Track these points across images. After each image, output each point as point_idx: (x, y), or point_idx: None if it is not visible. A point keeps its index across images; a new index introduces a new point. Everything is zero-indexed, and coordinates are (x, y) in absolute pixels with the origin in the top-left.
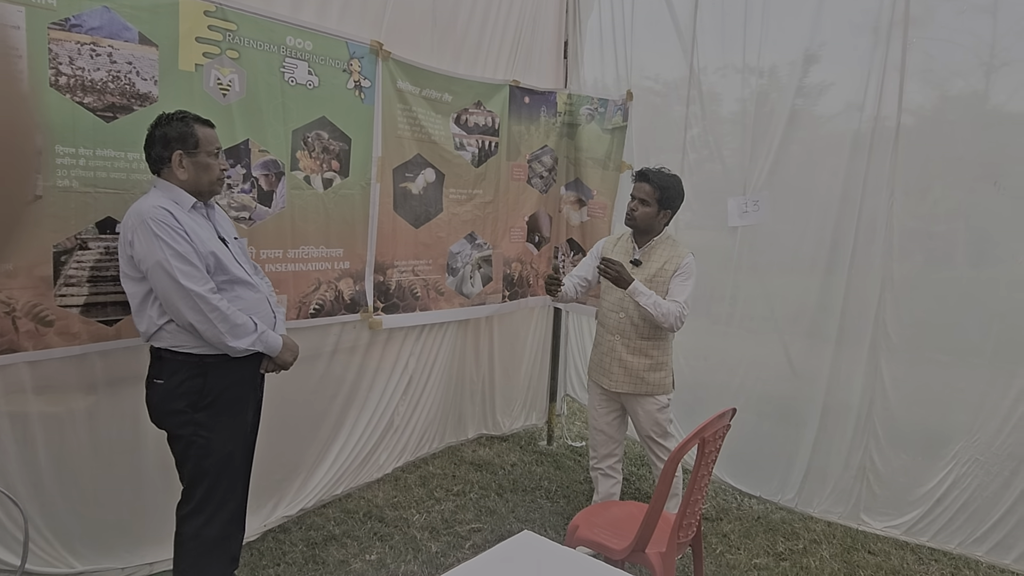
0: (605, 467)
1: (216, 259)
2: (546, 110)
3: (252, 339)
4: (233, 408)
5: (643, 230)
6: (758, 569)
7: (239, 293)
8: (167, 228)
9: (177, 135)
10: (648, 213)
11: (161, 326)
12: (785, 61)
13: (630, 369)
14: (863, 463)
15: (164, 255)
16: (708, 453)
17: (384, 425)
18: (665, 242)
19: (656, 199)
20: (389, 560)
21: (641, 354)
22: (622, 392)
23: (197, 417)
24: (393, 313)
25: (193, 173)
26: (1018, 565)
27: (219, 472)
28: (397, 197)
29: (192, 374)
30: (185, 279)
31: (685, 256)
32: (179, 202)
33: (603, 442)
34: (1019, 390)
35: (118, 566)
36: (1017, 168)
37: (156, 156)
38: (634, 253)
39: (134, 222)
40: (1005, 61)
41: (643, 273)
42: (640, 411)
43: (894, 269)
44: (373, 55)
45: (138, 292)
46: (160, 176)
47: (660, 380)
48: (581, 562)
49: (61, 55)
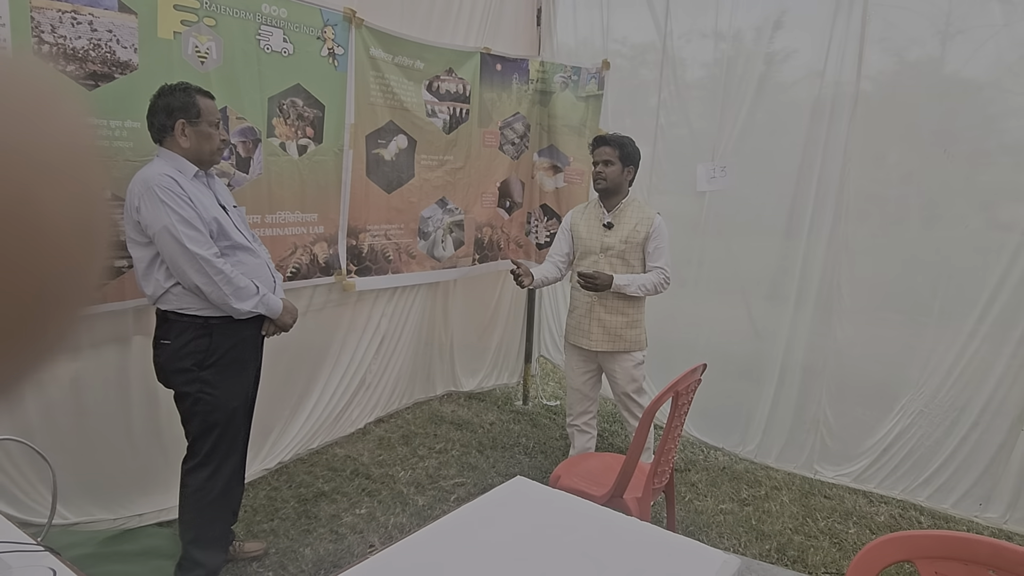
0: (581, 423)
1: (219, 225)
2: (518, 77)
3: (255, 301)
4: (236, 367)
5: (612, 191)
6: (724, 514)
7: (240, 258)
8: (172, 195)
9: (180, 105)
10: (615, 171)
11: (168, 289)
12: (751, 27)
13: (608, 328)
14: (816, 417)
15: (171, 220)
16: (681, 405)
17: (357, 383)
18: (632, 204)
19: (618, 157)
20: (379, 513)
21: (618, 312)
22: (601, 351)
23: (203, 375)
24: (366, 276)
25: (195, 142)
26: (955, 509)
27: (223, 427)
28: (370, 163)
29: (198, 334)
30: (191, 243)
31: (654, 218)
32: (182, 170)
33: (578, 400)
34: (962, 345)
35: (110, 516)
36: (967, 134)
37: (159, 125)
38: (604, 217)
39: (140, 189)
40: (960, 29)
41: (616, 235)
42: (617, 368)
43: (849, 232)
44: (346, 22)
45: (144, 256)
46: (163, 145)
47: (636, 337)
48: (572, 503)
49: (43, 23)
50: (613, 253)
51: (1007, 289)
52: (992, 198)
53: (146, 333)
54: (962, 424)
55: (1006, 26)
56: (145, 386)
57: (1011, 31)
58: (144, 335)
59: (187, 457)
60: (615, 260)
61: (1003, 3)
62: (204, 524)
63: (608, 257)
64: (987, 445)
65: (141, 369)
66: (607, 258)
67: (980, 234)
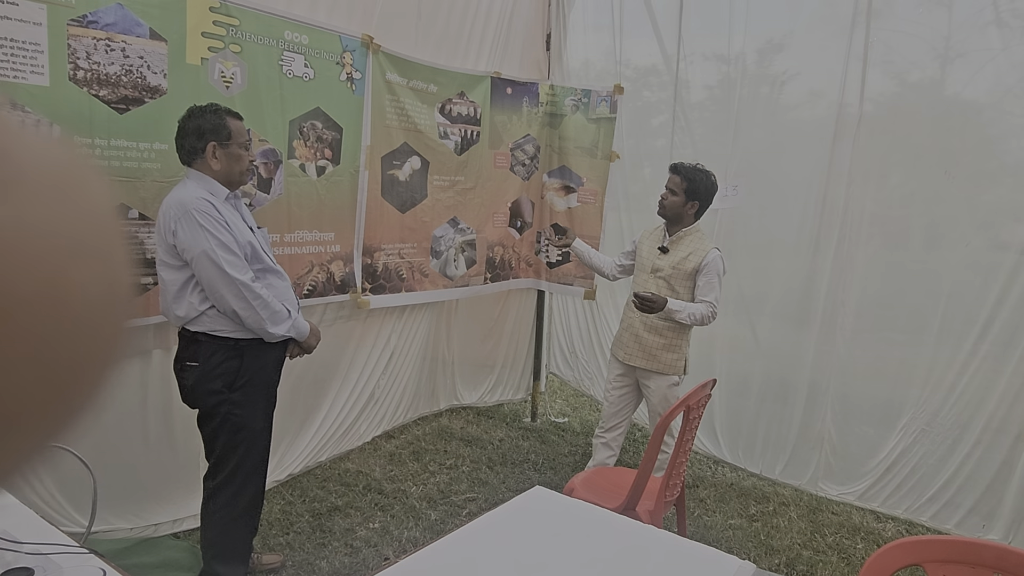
0: (608, 438)
1: (252, 248)
2: (528, 100)
3: (288, 325)
4: (263, 388)
5: (672, 219)
6: (733, 529)
7: (271, 281)
8: (210, 219)
9: (211, 127)
10: (676, 202)
11: (203, 311)
12: (753, 50)
13: (644, 345)
14: (821, 435)
15: (210, 244)
16: (692, 419)
17: (366, 397)
18: (693, 234)
19: (683, 189)
20: (392, 527)
21: (656, 333)
22: (636, 366)
23: (232, 396)
24: (380, 293)
25: (225, 163)
26: (959, 529)
27: (249, 447)
28: (385, 183)
29: (228, 356)
30: (231, 268)
31: (710, 251)
32: (215, 193)
33: (611, 413)
34: (963, 363)
35: (127, 526)
36: (967, 156)
37: (189, 147)
38: (663, 240)
39: (177, 212)
40: (960, 53)
41: (668, 260)
42: (652, 386)
43: (854, 252)
44: (364, 48)
45: (177, 279)
46: (192, 166)
47: (672, 361)
48: (591, 512)
49: (79, 50)
50: (661, 276)
51: (1007, 308)
52: (993, 218)
53: (164, 347)
54: (964, 443)
55: (1004, 50)
56: (162, 398)
57: (1010, 55)
58: (162, 349)
59: (211, 475)
60: (661, 283)
61: (1001, 27)
62: (228, 541)
63: (656, 279)
64: (989, 464)
65: (159, 381)
66: (655, 279)
67: (980, 253)
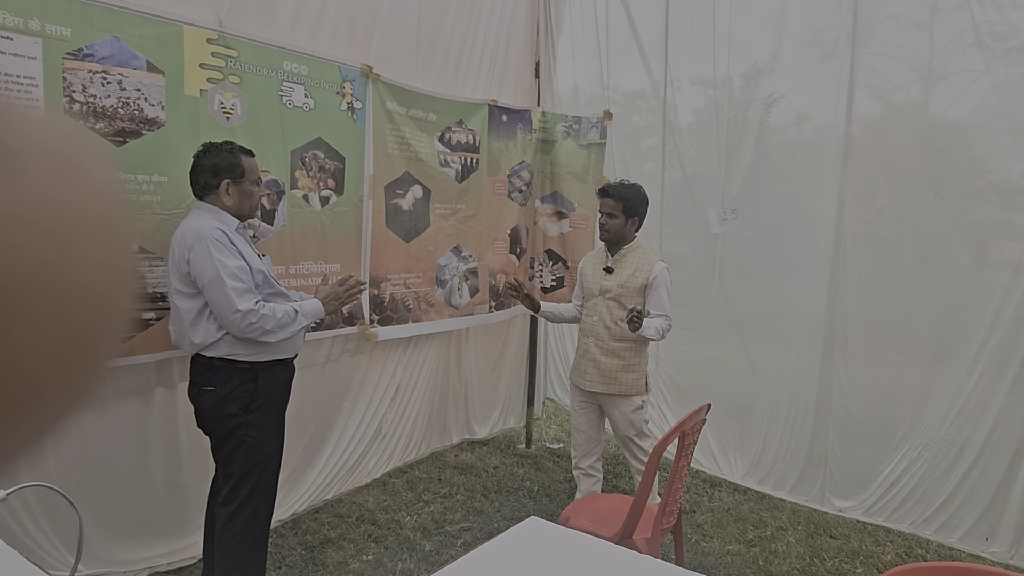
0: (585, 467)
1: (264, 276)
2: (522, 127)
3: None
4: (276, 409)
5: (616, 240)
6: (731, 555)
7: (280, 302)
8: (223, 247)
9: (226, 165)
10: (618, 223)
11: (220, 337)
12: (739, 75)
13: (603, 369)
14: (824, 452)
15: (219, 273)
16: (687, 445)
17: (373, 432)
18: (635, 250)
19: (621, 210)
20: (386, 559)
21: (614, 355)
22: (597, 392)
23: (249, 419)
24: (388, 325)
25: (238, 199)
26: (962, 544)
27: (263, 469)
28: (389, 213)
29: (244, 379)
30: (237, 295)
31: (655, 264)
32: (226, 224)
33: (583, 442)
34: (960, 382)
35: (119, 570)
36: (954, 176)
37: (204, 183)
38: (606, 261)
39: (191, 241)
40: (943, 75)
41: (615, 279)
42: (616, 412)
43: (847, 273)
44: (364, 78)
45: (193, 307)
46: (203, 200)
47: (633, 381)
48: (587, 542)
49: (75, 83)
50: (611, 296)
51: (1001, 326)
52: (982, 237)
53: (167, 385)
54: (964, 460)
55: (986, 71)
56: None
57: (991, 76)
58: (165, 387)
59: (226, 501)
60: (612, 303)
61: (982, 50)
62: (244, 567)
63: (606, 300)
64: (989, 480)
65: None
66: (604, 301)
67: (972, 272)
